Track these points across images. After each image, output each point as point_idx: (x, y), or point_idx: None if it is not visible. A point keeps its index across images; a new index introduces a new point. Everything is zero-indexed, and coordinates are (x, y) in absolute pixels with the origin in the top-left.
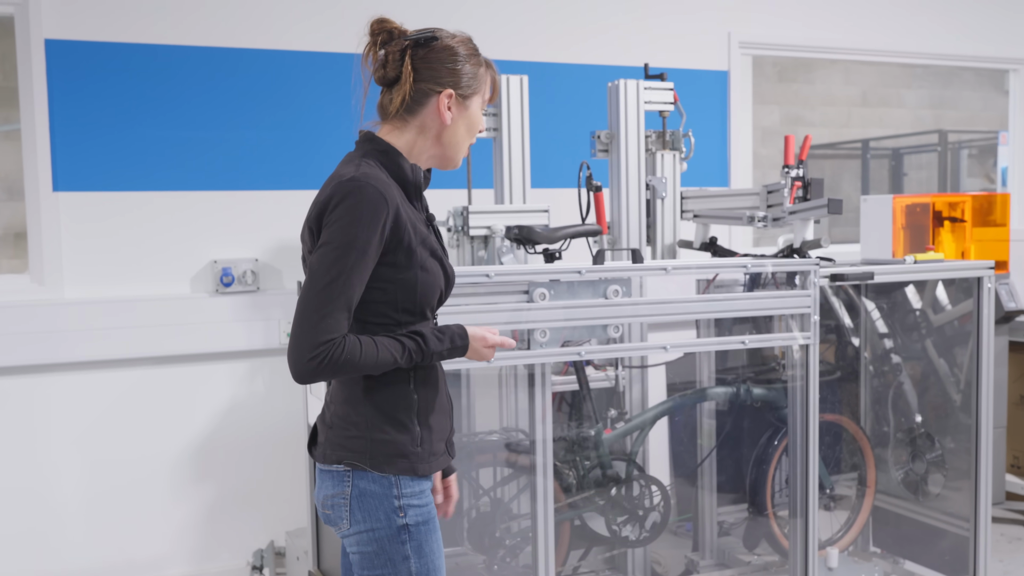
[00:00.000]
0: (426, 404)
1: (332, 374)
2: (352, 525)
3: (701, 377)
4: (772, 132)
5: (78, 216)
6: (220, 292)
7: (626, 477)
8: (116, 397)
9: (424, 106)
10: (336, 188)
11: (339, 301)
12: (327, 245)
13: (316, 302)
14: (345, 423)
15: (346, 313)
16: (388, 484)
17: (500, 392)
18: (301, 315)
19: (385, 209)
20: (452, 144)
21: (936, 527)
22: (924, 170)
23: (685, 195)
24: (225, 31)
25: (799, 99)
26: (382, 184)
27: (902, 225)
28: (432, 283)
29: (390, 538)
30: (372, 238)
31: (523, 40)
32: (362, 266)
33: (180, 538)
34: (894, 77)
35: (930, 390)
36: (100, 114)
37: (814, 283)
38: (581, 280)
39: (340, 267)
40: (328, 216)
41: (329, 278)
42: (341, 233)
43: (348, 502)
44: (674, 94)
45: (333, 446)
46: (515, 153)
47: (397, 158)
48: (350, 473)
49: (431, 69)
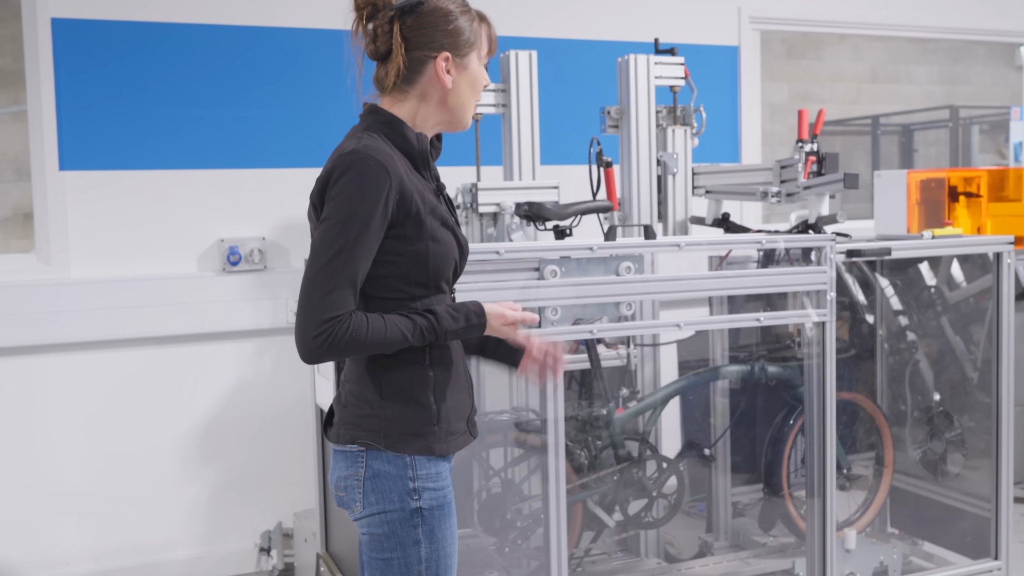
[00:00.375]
0: (443, 381)
1: (339, 353)
2: (365, 507)
3: (714, 355)
4: (781, 109)
5: (84, 195)
6: (227, 271)
7: (639, 457)
8: (123, 377)
9: (421, 74)
10: (337, 162)
11: (342, 277)
12: (328, 220)
13: (319, 279)
14: (359, 402)
15: (351, 289)
16: (403, 465)
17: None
18: (305, 293)
19: (387, 180)
20: (458, 107)
21: (956, 508)
22: (934, 146)
23: (697, 171)
24: (232, 9)
25: (808, 76)
26: (384, 155)
27: (917, 201)
28: (445, 254)
29: (402, 521)
30: (375, 211)
31: (533, 17)
32: (366, 240)
33: (188, 520)
34: (903, 53)
35: (947, 368)
36: (106, 93)
37: (830, 259)
38: (592, 257)
39: (342, 242)
40: (330, 191)
41: (331, 254)
42: (342, 207)
43: (362, 483)
44: (685, 69)
45: (347, 425)
46: (524, 129)
47: (401, 128)
48: (364, 453)
49: (422, 35)
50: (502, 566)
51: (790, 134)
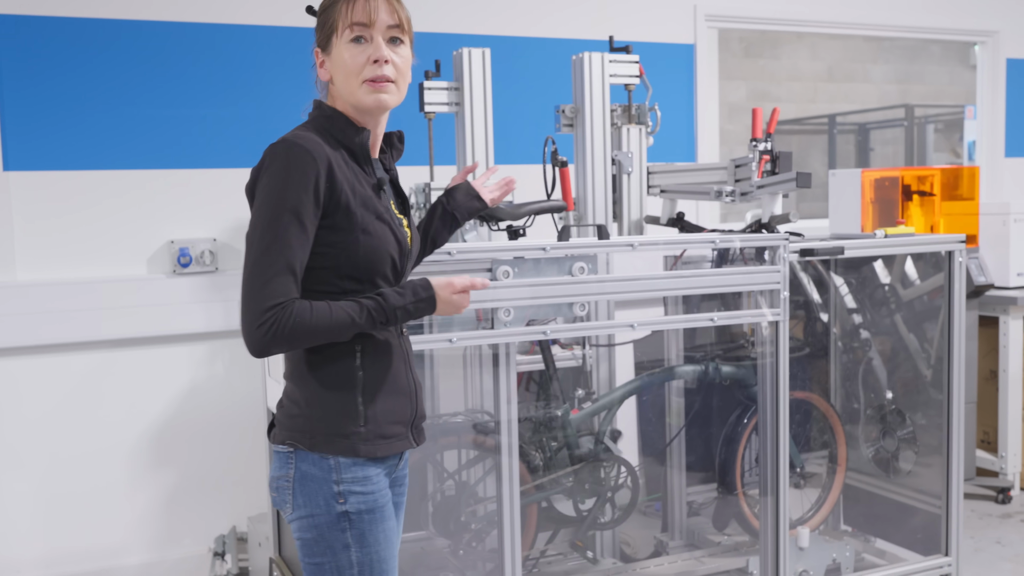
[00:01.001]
0: (374, 382)
1: (286, 342)
2: (295, 510)
3: (670, 355)
4: (739, 108)
5: (30, 196)
6: (178, 273)
7: (593, 457)
8: (72, 381)
9: (322, 71)
10: (265, 153)
11: (278, 264)
12: (259, 209)
13: (257, 270)
14: (290, 401)
15: (290, 276)
16: (327, 467)
17: (465, 373)
18: (245, 285)
19: (315, 167)
20: (346, 94)
21: (908, 505)
22: (890, 145)
23: (652, 170)
24: (180, 6)
25: (765, 74)
26: (311, 143)
27: (871, 199)
28: (378, 248)
29: (329, 525)
30: (304, 197)
31: (487, 14)
32: (297, 226)
33: (140, 524)
34: (860, 52)
35: (900, 366)
36: (52, 92)
37: (783, 258)
38: (546, 257)
39: (274, 230)
40: (259, 182)
41: (265, 243)
42: (270, 196)
43: (291, 485)
44: (640, 67)
45: (281, 426)
46: (477, 129)
47: (341, 122)
48: (293, 454)
49: (317, 35)
50: (457, 568)
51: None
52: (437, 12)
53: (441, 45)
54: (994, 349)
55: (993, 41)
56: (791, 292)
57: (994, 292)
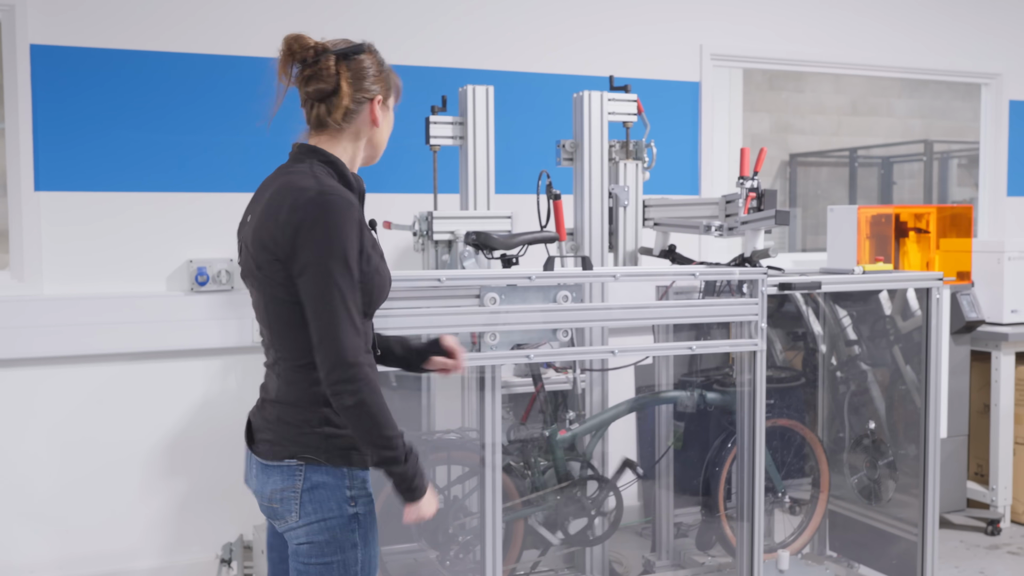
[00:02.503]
0: None
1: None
2: (302, 517)
3: (668, 380)
4: (762, 139)
5: (59, 215)
6: (195, 291)
7: (579, 477)
8: (92, 392)
9: (359, 114)
10: (308, 204)
11: (354, 312)
12: (320, 263)
13: (339, 316)
14: (297, 421)
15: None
16: (341, 475)
17: (463, 394)
18: (330, 330)
19: (356, 215)
20: (379, 144)
21: (890, 532)
22: (915, 178)
23: (648, 203)
24: (207, 38)
25: (789, 107)
26: (346, 193)
27: (867, 235)
28: (383, 285)
29: (342, 527)
30: (353, 244)
31: (494, 50)
32: (356, 274)
33: (151, 531)
34: (884, 87)
35: (897, 396)
36: (82, 116)
37: (762, 291)
38: (532, 286)
39: (346, 279)
40: (310, 232)
41: (341, 291)
42: (334, 248)
43: (299, 495)
44: (638, 105)
45: (284, 443)
46: (480, 161)
47: (343, 168)
48: (303, 467)
49: (363, 79)
50: None
51: (770, 164)
52: (445, 47)
53: (449, 80)
54: (988, 383)
55: (996, 83)
56: (793, 324)
57: (986, 328)
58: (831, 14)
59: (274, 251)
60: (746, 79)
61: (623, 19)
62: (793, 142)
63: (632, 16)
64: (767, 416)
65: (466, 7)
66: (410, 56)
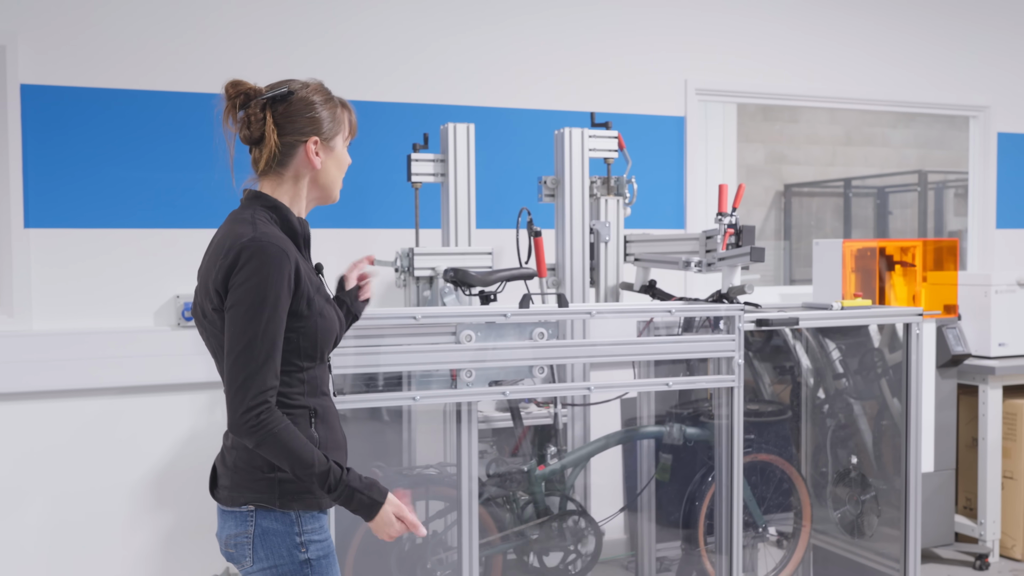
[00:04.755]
0: (325, 442)
1: (271, 440)
2: (255, 562)
3: (650, 414)
4: (757, 170)
5: (48, 252)
6: (182, 326)
7: (558, 512)
8: (80, 425)
9: (293, 156)
10: (240, 250)
11: (261, 357)
12: (240, 305)
13: (241, 361)
14: (250, 467)
15: (272, 368)
16: (289, 522)
17: (444, 428)
18: (232, 375)
19: (288, 264)
20: (328, 184)
21: (873, 568)
22: (910, 208)
23: (629, 239)
24: (192, 77)
25: (783, 138)
26: (282, 241)
27: (852, 269)
28: (329, 328)
29: (292, 573)
30: (281, 292)
31: (478, 85)
32: (276, 320)
33: (137, 565)
34: (878, 117)
35: (887, 429)
36: (71, 155)
37: (739, 328)
38: (508, 323)
39: (256, 326)
40: (234, 277)
41: (248, 338)
42: (252, 292)
43: (251, 540)
44: (619, 140)
45: (240, 489)
46: (461, 197)
47: (286, 214)
48: (254, 513)
49: (292, 122)
50: None
51: (765, 194)
52: (426, 83)
53: (431, 116)
54: (975, 417)
55: (984, 115)
56: (782, 358)
57: (973, 361)
58: (817, 48)
59: (214, 299)
60: (740, 110)
61: (606, 54)
62: (788, 172)
63: (615, 51)
64: (748, 450)
65: (447, 43)
66: (391, 93)
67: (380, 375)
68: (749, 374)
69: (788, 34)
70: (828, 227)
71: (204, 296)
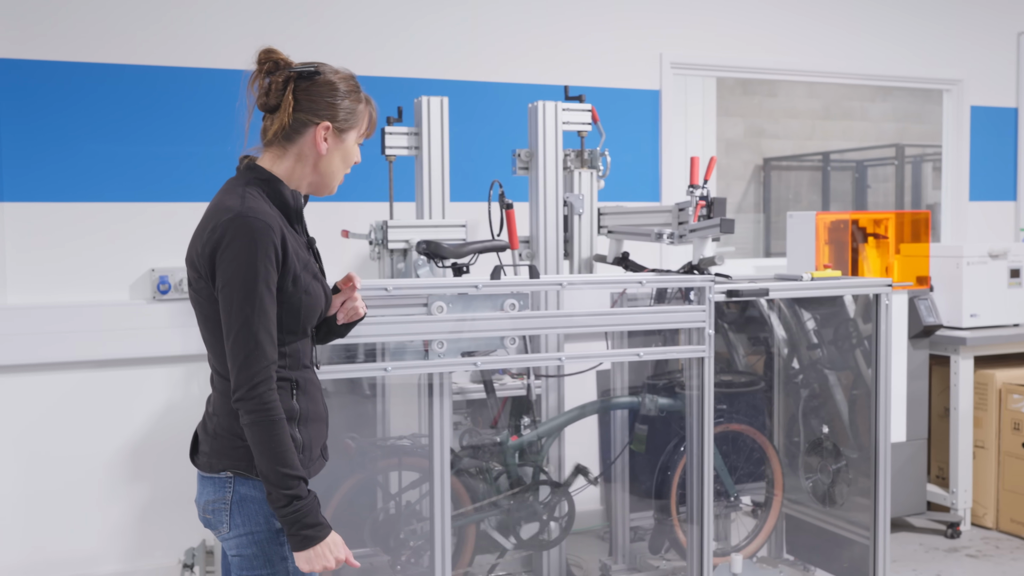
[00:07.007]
0: (306, 413)
1: (263, 420)
2: (232, 529)
3: (624, 385)
4: (736, 144)
5: (22, 225)
6: (157, 299)
7: (531, 482)
8: (56, 399)
9: (302, 135)
10: (224, 227)
11: (261, 333)
12: (233, 282)
13: (242, 337)
14: (230, 434)
15: (271, 342)
16: None
17: (418, 400)
18: (236, 351)
19: (273, 239)
20: (327, 173)
21: (844, 536)
22: (889, 182)
23: (603, 211)
24: (164, 51)
25: (762, 112)
26: (267, 216)
27: (825, 241)
28: (314, 305)
29: (268, 540)
30: (270, 267)
31: (452, 60)
32: (269, 295)
33: (114, 536)
34: (857, 91)
35: (861, 399)
36: (45, 129)
37: (709, 299)
38: (479, 294)
39: (253, 301)
40: (222, 255)
41: (245, 314)
42: (243, 268)
43: (229, 507)
44: (593, 114)
45: (219, 456)
46: (435, 171)
47: (278, 185)
48: (232, 480)
49: (310, 101)
50: None
51: (744, 168)
52: (401, 57)
53: (406, 90)
54: (948, 387)
55: (958, 89)
56: (759, 329)
57: (945, 332)
58: (792, 22)
59: (199, 270)
60: (719, 84)
61: (582, 28)
62: (767, 146)
63: (590, 25)
64: (720, 421)
65: (422, 17)
66: (367, 67)
67: (360, 347)
68: (723, 345)
69: (765, 8)
70: (806, 200)
71: (190, 267)
